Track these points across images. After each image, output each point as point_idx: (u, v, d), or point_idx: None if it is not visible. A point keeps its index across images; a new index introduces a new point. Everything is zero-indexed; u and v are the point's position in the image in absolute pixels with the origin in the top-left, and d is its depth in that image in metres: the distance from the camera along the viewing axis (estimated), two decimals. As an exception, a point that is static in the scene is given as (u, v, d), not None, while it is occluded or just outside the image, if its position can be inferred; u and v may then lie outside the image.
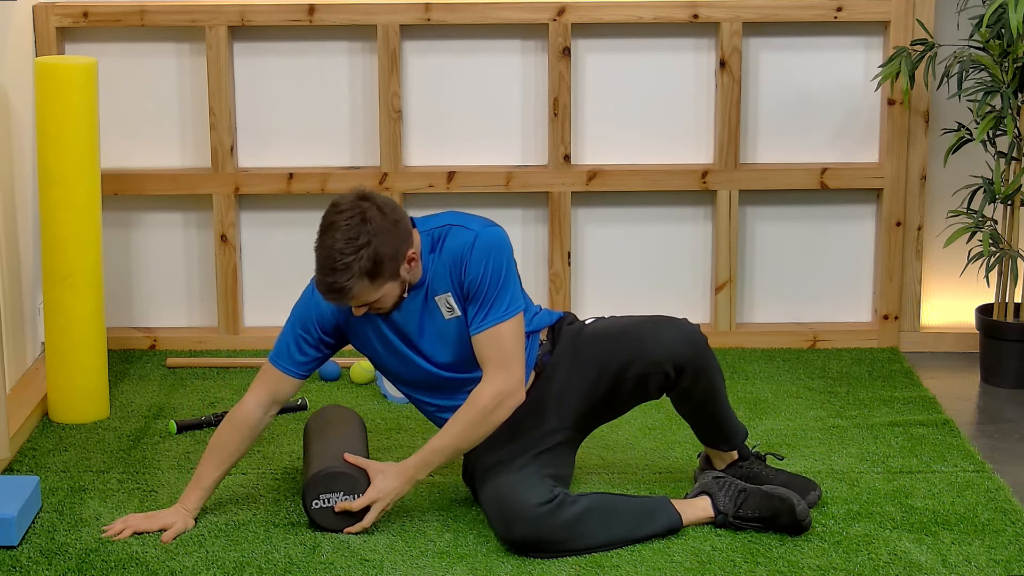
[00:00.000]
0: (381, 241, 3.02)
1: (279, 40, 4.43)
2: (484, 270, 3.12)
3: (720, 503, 3.20)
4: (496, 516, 3.11)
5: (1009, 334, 4.20)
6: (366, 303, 3.09)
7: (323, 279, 3.03)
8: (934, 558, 3.06)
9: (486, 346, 3.14)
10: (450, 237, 3.16)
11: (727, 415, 3.34)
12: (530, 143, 4.50)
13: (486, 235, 3.14)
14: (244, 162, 4.49)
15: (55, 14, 4.32)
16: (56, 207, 3.80)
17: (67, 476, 3.51)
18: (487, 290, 3.13)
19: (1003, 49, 4.03)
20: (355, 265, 3.00)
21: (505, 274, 3.13)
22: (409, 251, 3.08)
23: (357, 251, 3.00)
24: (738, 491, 3.20)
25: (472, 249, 3.13)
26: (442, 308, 3.17)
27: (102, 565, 3.03)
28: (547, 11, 4.33)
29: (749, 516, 3.17)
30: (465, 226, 3.16)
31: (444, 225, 3.19)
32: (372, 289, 3.05)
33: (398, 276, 3.08)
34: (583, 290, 4.58)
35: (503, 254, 3.14)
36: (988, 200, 4.15)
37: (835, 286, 4.60)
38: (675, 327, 3.23)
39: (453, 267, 3.14)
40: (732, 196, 4.45)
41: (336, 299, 3.06)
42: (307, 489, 3.17)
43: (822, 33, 4.43)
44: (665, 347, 3.19)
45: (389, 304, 3.12)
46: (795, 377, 4.26)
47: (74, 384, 3.88)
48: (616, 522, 3.12)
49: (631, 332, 3.24)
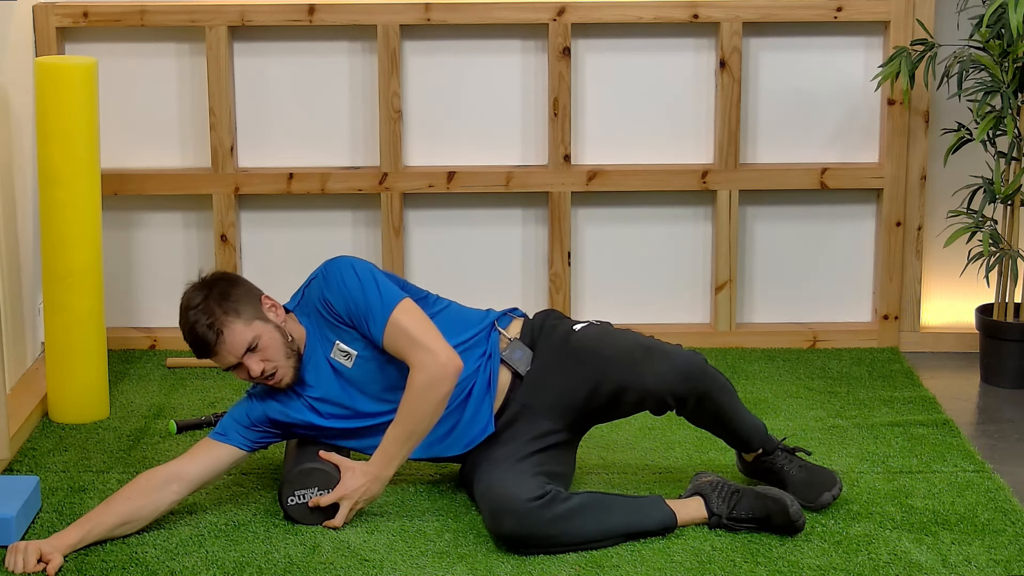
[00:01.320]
0: (224, 286, 3.24)
1: (279, 40, 4.43)
2: (343, 288, 3.25)
3: (714, 505, 3.19)
4: (487, 511, 3.12)
5: (1009, 334, 4.20)
6: (246, 347, 3.18)
7: (191, 334, 3.21)
8: (934, 558, 3.06)
9: (394, 339, 3.20)
10: (307, 290, 3.33)
11: (740, 423, 3.32)
12: (530, 143, 4.49)
13: (327, 265, 3.30)
14: (244, 162, 4.49)
15: (55, 14, 4.32)
16: (56, 207, 3.80)
17: (67, 476, 3.51)
18: (358, 300, 3.23)
19: (1003, 49, 4.03)
20: (208, 304, 3.20)
21: (362, 280, 3.24)
22: (262, 295, 3.27)
23: (204, 298, 3.22)
24: (731, 492, 3.20)
25: (324, 281, 3.28)
26: (343, 361, 3.28)
27: (101, 565, 3.03)
28: (547, 11, 4.33)
29: (743, 517, 3.17)
30: (312, 276, 3.33)
31: (300, 289, 3.37)
32: (241, 325, 3.19)
33: (263, 315, 3.23)
34: (583, 290, 4.58)
35: (347, 267, 3.27)
36: (988, 200, 4.15)
37: (835, 286, 4.60)
38: (668, 361, 3.19)
39: (323, 307, 3.27)
40: (732, 196, 4.45)
41: (208, 346, 3.19)
42: (283, 486, 3.21)
43: (822, 33, 4.43)
44: (661, 381, 3.18)
45: (283, 362, 3.23)
46: (795, 377, 4.26)
47: (74, 384, 3.87)
48: (609, 517, 3.13)
49: (624, 359, 3.22)
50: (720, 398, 3.25)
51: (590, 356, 3.27)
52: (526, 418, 3.29)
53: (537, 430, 3.26)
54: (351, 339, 3.26)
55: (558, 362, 3.31)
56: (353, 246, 4.52)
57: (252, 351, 3.20)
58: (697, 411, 3.24)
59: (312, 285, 3.32)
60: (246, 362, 3.21)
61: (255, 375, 3.21)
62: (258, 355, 3.21)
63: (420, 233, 4.54)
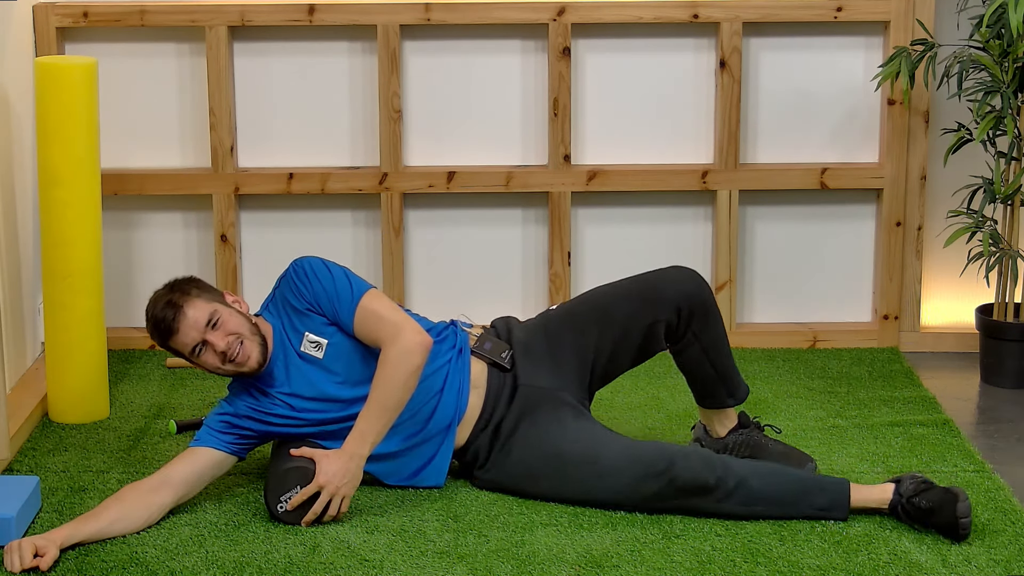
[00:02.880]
0: (184, 282, 3.31)
1: (279, 40, 4.43)
2: (312, 277, 3.31)
3: (903, 486, 3.19)
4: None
5: (1009, 334, 4.20)
6: (207, 320, 3.22)
7: (152, 319, 3.26)
8: (934, 558, 3.06)
9: (363, 321, 3.26)
10: (276, 290, 3.38)
11: (733, 366, 3.43)
12: (530, 143, 4.50)
13: (296, 261, 3.35)
14: (244, 162, 4.49)
15: (55, 14, 4.32)
16: (56, 207, 3.80)
17: (67, 476, 3.51)
18: (327, 287, 3.29)
19: (1003, 49, 4.03)
20: (169, 292, 3.27)
21: (332, 270, 3.31)
22: (225, 292, 3.34)
23: (167, 290, 3.29)
24: (922, 480, 3.19)
25: (293, 274, 3.33)
26: (313, 352, 3.31)
27: (101, 565, 3.03)
28: (547, 11, 4.33)
29: (922, 506, 3.13)
30: (281, 276, 3.38)
31: (269, 294, 3.42)
32: (202, 302, 3.24)
33: (224, 301, 3.27)
34: (583, 290, 4.57)
35: (319, 263, 3.33)
36: (988, 200, 4.15)
37: (835, 286, 4.60)
38: (681, 270, 3.41)
39: (292, 296, 3.31)
40: (732, 196, 4.45)
41: (168, 323, 3.22)
42: (267, 496, 3.21)
43: (822, 33, 4.43)
44: (676, 287, 3.34)
45: (248, 336, 3.25)
46: (795, 377, 4.26)
47: (74, 384, 3.88)
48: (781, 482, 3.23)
49: (637, 283, 3.40)
50: (720, 325, 3.40)
51: (597, 301, 3.44)
52: (545, 399, 3.35)
53: (562, 407, 3.35)
54: (320, 327, 3.30)
55: (549, 334, 3.43)
56: (353, 246, 4.52)
57: (214, 327, 3.23)
58: (701, 331, 3.35)
59: (281, 283, 3.37)
60: (208, 338, 3.23)
61: (220, 349, 3.23)
62: (220, 331, 3.23)
63: (420, 233, 4.54)
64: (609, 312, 3.40)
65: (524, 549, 3.11)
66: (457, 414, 3.36)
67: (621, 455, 3.21)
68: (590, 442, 3.26)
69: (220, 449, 3.30)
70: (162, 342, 3.28)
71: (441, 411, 3.35)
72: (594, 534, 3.17)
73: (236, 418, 3.32)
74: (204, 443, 3.30)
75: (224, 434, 3.31)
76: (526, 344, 3.45)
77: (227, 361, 3.25)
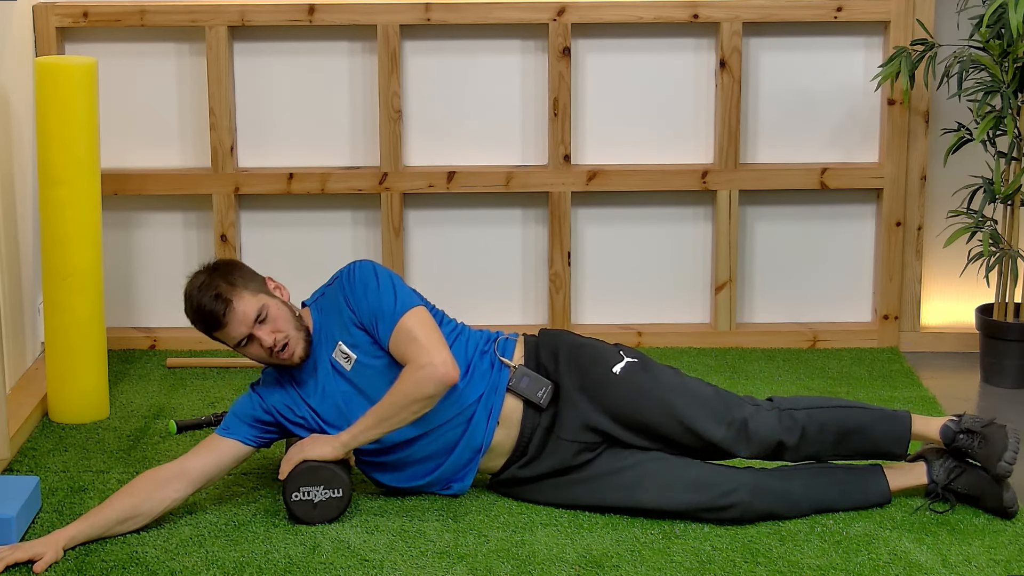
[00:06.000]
0: (227, 267, 3.29)
1: (279, 40, 4.43)
2: (362, 286, 3.26)
3: (935, 472, 3.28)
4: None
5: (1009, 334, 4.20)
6: (255, 315, 3.19)
7: (199, 310, 3.22)
8: (934, 558, 3.06)
9: (398, 340, 3.21)
10: (328, 288, 3.35)
11: (870, 435, 3.32)
12: (530, 143, 4.50)
13: (351, 265, 3.32)
14: (244, 162, 4.50)
15: (55, 14, 4.32)
16: (56, 207, 3.81)
17: (67, 476, 3.51)
18: (372, 298, 3.24)
19: (1003, 49, 4.03)
20: (213, 280, 3.22)
21: (380, 282, 3.26)
22: (267, 278, 3.32)
23: (209, 277, 3.25)
24: (954, 465, 3.27)
25: (347, 279, 3.29)
26: (342, 362, 3.28)
27: (101, 565, 3.03)
28: (547, 11, 4.34)
29: (960, 491, 3.25)
30: (336, 275, 3.35)
31: (321, 288, 3.39)
32: (249, 295, 3.21)
33: (268, 291, 3.26)
34: (583, 290, 4.58)
35: (369, 270, 3.29)
36: (988, 200, 4.15)
37: (835, 286, 4.60)
38: (766, 420, 3.27)
39: (344, 303, 3.27)
40: (732, 196, 4.45)
41: (218, 317, 3.19)
42: (287, 482, 3.20)
43: (822, 33, 4.43)
44: (749, 448, 3.28)
45: (293, 333, 3.23)
46: (795, 377, 4.26)
47: (74, 384, 3.88)
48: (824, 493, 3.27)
49: (720, 421, 3.26)
50: (827, 431, 3.28)
51: (655, 412, 3.28)
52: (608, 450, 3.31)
53: (623, 447, 3.31)
54: (354, 343, 3.26)
55: (604, 408, 3.29)
56: (353, 246, 4.52)
57: (262, 323, 3.20)
58: (807, 453, 3.29)
59: (335, 283, 3.34)
60: (257, 333, 3.21)
61: (267, 345, 3.20)
62: (268, 326, 3.21)
63: (420, 233, 4.54)
64: (675, 440, 3.28)
65: (524, 549, 3.11)
66: (481, 451, 3.31)
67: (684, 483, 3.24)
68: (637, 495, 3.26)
69: (247, 443, 3.27)
70: (206, 332, 3.25)
71: (462, 449, 3.31)
72: (594, 534, 3.18)
73: (266, 412, 3.29)
74: (234, 435, 3.27)
75: (252, 427, 3.28)
76: (575, 400, 3.30)
77: (273, 355, 3.23)
